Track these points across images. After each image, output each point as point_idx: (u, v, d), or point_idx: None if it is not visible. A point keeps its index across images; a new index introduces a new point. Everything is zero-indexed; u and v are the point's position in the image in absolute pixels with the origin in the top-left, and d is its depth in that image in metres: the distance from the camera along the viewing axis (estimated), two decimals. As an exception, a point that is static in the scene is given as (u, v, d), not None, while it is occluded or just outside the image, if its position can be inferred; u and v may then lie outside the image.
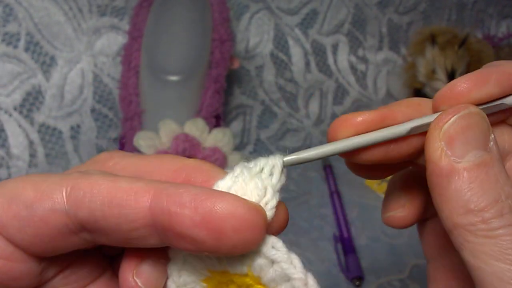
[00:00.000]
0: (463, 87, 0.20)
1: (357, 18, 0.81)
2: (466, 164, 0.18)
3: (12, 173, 0.61)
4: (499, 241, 0.18)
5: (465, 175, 0.18)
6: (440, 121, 0.19)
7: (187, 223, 0.17)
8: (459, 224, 0.18)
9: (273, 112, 0.74)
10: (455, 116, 0.19)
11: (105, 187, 0.18)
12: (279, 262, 0.18)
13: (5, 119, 0.61)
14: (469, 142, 0.19)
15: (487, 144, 0.19)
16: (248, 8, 0.73)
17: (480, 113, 0.19)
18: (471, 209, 0.18)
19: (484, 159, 0.18)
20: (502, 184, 0.18)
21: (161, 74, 0.58)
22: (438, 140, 0.19)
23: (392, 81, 0.81)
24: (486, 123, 0.19)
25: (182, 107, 0.59)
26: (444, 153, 0.19)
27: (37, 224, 0.18)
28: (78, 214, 0.18)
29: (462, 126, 0.19)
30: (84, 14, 0.64)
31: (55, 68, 0.63)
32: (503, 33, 0.91)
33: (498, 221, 0.18)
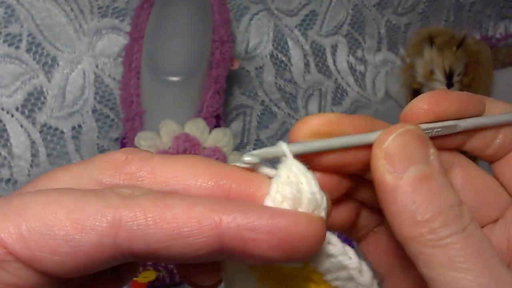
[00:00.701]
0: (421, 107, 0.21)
1: (356, 19, 0.81)
2: (408, 178, 0.19)
3: (14, 173, 0.61)
4: (447, 250, 0.18)
5: (408, 189, 0.19)
6: (381, 140, 0.20)
7: (263, 247, 0.17)
8: (409, 236, 0.19)
9: (273, 112, 0.74)
10: (392, 135, 0.20)
11: (162, 217, 0.17)
12: (337, 256, 0.19)
13: (7, 119, 0.62)
14: (408, 158, 0.19)
15: (427, 158, 0.19)
16: (248, 10, 0.74)
17: (416, 130, 0.20)
18: (419, 221, 0.18)
19: (425, 172, 0.19)
20: (445, 195, 0.19)
21: (162, 74, 0.58)
22: (380, 158, 0.19)
23: (391, 81, 0.82)
24: (424, 139, 0.20)
25: (183, 108, 0.59)
26: (387, 170, 0.19)
27: (82, 259, 0.17)
28: (132, 247, 0.17)
29: (400, 143, 0.20)
30: (86, 15, 0.65)
31: (56, 68, 0.64)
32: (501, 34, 0.92)
33: (445, 230, 0.18)
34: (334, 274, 0.19)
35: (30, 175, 0.62)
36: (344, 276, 0.19)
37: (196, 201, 0.17)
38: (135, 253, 0.17)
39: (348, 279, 0.19)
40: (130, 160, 0.19)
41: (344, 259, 0.19)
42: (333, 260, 0.19)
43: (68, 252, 0.17)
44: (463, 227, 0.18)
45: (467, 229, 0.19)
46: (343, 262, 0.19)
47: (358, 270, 0.19)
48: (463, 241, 0.18)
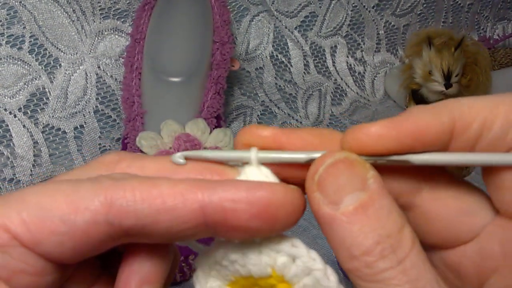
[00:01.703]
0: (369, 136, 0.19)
1: (355, 20, 0.82)
2: (344, 209, 0.18)
3: (16, 173, 0.62)
4: (382, 285, 0.17)
5: (344, 221, 0.18)
6: (312, 172, 0.19)
7: (243, 217, 0.18)
8: (348, 270, 0.18)
9: (273, 113, 0.75)
10: (322, 166, 0.19)
11: (149, 194, 0.18)
12: (300, 257, 0.19)
13: (10, 119, 0.62)
14: (342, 187, 0.18)
15: (364, 183, 0.18)
16: (248, 11, 0.74)
17: (347, 157, 0.19)
18: (354, 255, 0.18)
19: (362, 200, 0.18)
20: (383, 222, 0.18)
21: (163, 75, 0.59)
22: (314, 191, 0.19)
23: (390, 82, 0.82)
24: (357, 164, 0.19)
25: (184, 108, 0.60)
26: (322, 202, 0.18)
27: (78, 237, 0.18)
28: (123, 223, 0.18)
29: (331, 174, 0.18)
30: (88, 16, 0.65)
31: (59, 69, 0.64)
32: (498, 36, 0.92)
33: (381, 264, 0.17)
34: (302, 282, 0.19)
35: (32, 175, 0.62)
36: (311, 282, 0.19)
37: (180, 181, 0.19)
38: (126, 229, 0.18)
39: (315, 284, 0.19)
40: (122, 158, 0.21)
41: (308, 260, 0.19)
42: (298, 263, 0.19)
43: (65, 231, 0.18)
44: (400, 259, 0.17)
45: (406, 260, 0.18)
46: (308, 264, 0.19)
47: (324, 272, 0.19)
48: (400, 275, 0.17)
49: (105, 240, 0.19)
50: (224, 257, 0.20)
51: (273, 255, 0.19)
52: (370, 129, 0.19)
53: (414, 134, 0.19)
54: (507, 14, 0.95)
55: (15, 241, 0.18)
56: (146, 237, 0.19)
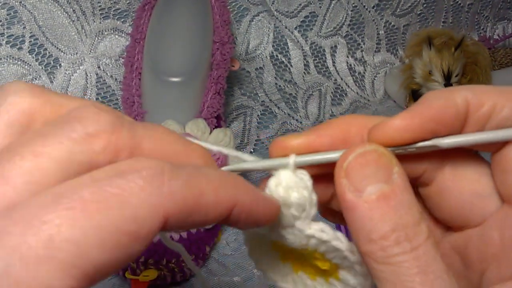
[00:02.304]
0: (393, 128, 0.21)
1: (355, 20, 0.82)
2: (366, 197, 0.19)
3: (16, 173, 0.62)
4: (396, 267, 0.19)
5: (366, 207, 0.19)
6: (342, 160, 0.21)
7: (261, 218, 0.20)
8: (364, 252, 0.20)
9: (273, 113, 0.75)
10: (351, 156, 0.20)
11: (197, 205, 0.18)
12: (330, 241, 0.22)
13: (10, 119, 0.62)
14: (368, 177, 0.20)
15: (388, 177, 0.20)
16: (248, 11, 0.74)
17: (376, 150, 0.20)
18: (372, 239, 0.19)
19: (384, 191, 0.19)
20: (402, 214, 0.19)
21: (163, 75, 0.59)
22: (341, 177, 0.20)
23: (390, 82, 0.82)
24: (384, 158, 0.20)
25: (184, 108, 0.60)
26: (348, 189, 0.20)
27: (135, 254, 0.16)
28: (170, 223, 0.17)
29: (359, 163, 0.20)
30: (88, 16, 0.65)
31: (59, 69, 0.65)
32: (499, 35, 0.92)
33: (396, 249, 0.19)
34: (332, 254, 0.22)
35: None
36: (340, 256, 0.22)
37: (220, 184, 0.18)
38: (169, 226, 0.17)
39: (343, 258, 0.22)
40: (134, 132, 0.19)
41: (337, 243, 0.22)
42: (328, 244, 0.22)
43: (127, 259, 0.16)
44: (413, 247, 0.19)
45: (418, 249, 0.19)
46: (337, 246, 0.22)
47: (350, 251, 0.22)
48: (411, 260, 0.19)
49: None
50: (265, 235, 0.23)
51: (306, 239, 0.22)
52: (394, 123, 0.21)
53: (434, 118, 0.21)
54: (507, 14, 0.95)
55: None
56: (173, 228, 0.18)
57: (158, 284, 0.52)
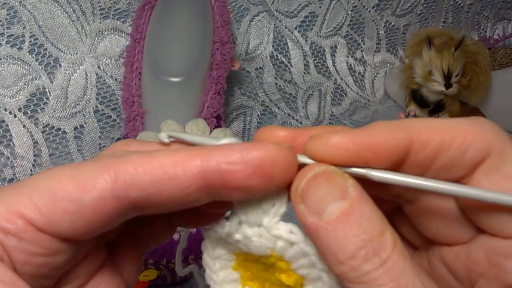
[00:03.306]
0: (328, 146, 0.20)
1: (355, 20, 0.82)
2: (327, 218, 0.19)
3: (16, 173, 0.62)
4: (368, 286, 0.18)
5: (329, 229, 0.19)
6: (295, 186, 0.20)
7: (240, 177, 0.19)
8: (336, 274, 0.19)
9: (273, 113, 0.75)
10: (303, 180, 0.20)
11: (150, 165, 0.19)
12: (298, 243, 0.21)
13: (10, 119, 0.62)
14: (324, 198, 0.19)
15: (344, 192, 0.19)
16: (248, 11, 0.74)
17: (325, 170, 0.20)
18: (341, 260, 0.19)
19: (343, 208, 0.19)
20: (365, 227, 0.19)
21: (163, 75, 0.59)
22: (298, 202, 0.20)
23: (390, 82, 0.82)
24: (336, 175, 0.20)
25: (184, 108, 0.60)
26: (307, 213, 0.19)
27: (89, 215, 0.19)
28: (129, 196, 0.19)
29: (312, 186, 0.20)
30: (88, 16, 0.65)
31: (59, 69, 0.65)
32: (499, 35, 0.92)
33: (366, 266, 0.18)
34: (299, 262, 0.21)
35: (32, 174, 0.62)
36: (307, 263, 0.21)
37: (178, 150, 0.20)
38: (133, 201, 0.19)
39: (310, 266, 0.21)
40: (129, 143, 0.22)
41: (305, 246, 0.21)
42: (295, 247, 0.21)
43: (75, 210, 0.19)
44: (383, 260, 0.18)
45: (388, 261, 0.18)
46: (305, 249, 0.21)
47: (318, 256, 0.21)
48: (383, 275, 0.18)
49: (114, 214, 0.19)
50: (229, 236, 0.22)
51: (273, 240, 0.21)
52: (329, 140, 0.20)
53: (371, 147, 0.20)
54: (507, 14, 0.95)
55: (30, 227, 0.19)
56: (152, 208, 0.20)
57: (158, 284, 0.52)
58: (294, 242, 0.21)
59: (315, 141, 0.20)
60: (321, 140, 0.20)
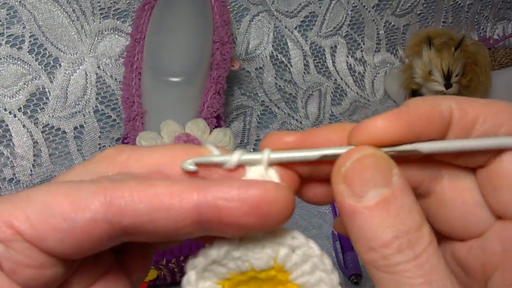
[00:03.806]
0: (373, 127, 0.20)
1: (355, 20, 0.82)
2: (366, 203, 0.19)
3: (16, 173, 0.62)
4: (398, 276, 0.18)
5: (366, 214, 0.19)
6: (339, 165, 0.20)
7: (236, 214, 0.19)
8: (365, 260, 0.19)
9: (273, 113, 0.75)
10: (349, 161, 0.20)
11: (147, 194, 0.19)
12: (301, 247, 0.21)
13: (10, 119, 0.62)
14: (367, 182, 0.19)
15: (388, 180, 0.19)
16: (248, 11, 0.74)
17: (374, 153, 0.20)
18: (373, 247, 0.19)
19: (385, 196, 0.19)
20: (403, 219, 0.19)
21: (163, 75, 0.59)
22: (340, 183, 0.20)
23: (389, 82, 0.82)
24: (383, 161, 0.20)
25: (184, 108, 0.60)
26: (346, 194, 0.19)
27: (78, 234, 0.19)
28: (122, 222, 0.19)
29: (358, 168, 0.19)
30: (87, 16, 0.65)
31: (58, 69, 0.64)
32: (498, 35, 0.92)
33: (398, 257, 0.18)
34: (300, 270, 0.21)
35: (32, 174, 0.62)
36: (308, 268, 0.21)
37: (176, 181, 0.19)
38: (125, 227, 0.19)
39: (311, 271, 0.21)
40: (121, 151, 0.22)
41: (307, 249, 0.20)
42: (298, 252, 0.21)
43: (66, 228, 0.19)
44: (416, 254, 0.18)
45: (422, 256, 0.18)
46: (307, 252, 0.20)
47: (320, 258, 0.21)
48: (415, 269, 0.18)
49: (104, 239, 0.19)
50: (227, 255, 0.21)
51: (276, 248, 0.21)
52: (377, 121, 0.20)
53: (420, 121, 0.20)
54: (507, 14, 0.95)
55: (18, 237, 0.19)
56: (144, 236, 0.20)
57: (158, 284, 0.52)
58: (297, 247, 0.20)
59: (362, 125, 0.20)
60: (369, 123, 0.20)
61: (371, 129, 0.20)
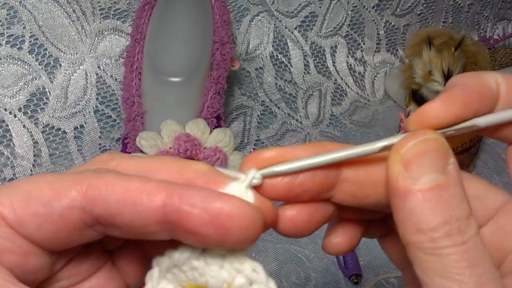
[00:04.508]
0: (432, 111, 0.20)
1: (355, 20, 0.82)
2: (421, 186, 0.19)
3: (16, 173, 0.62)
4: (443, 259, 0.18)
5: (419, 196, 0.19)
6: (399, 146, 0.20)
7: (196, 221, 0.18)
8: (410, 241, 0.19)
9: (273, 113, 0.75)
10: (412, 142, 0.20)
11: (119, 187, 0.19)
12: (259, 283, 0.20)
13: (10, 119, 0.62)
14: (425, 165, 0.19)
15: (444, 167, 0.19)
16: (248, 11, 0.74)
17: (437, 139, 0.20)
18: (422, 229, 0.19)
19: (439, 181, 0.19)
20: (454, 206, 0.19)
21: (163, 75, 0.59)
22: (397, 163, 0.20)
23: (390, 82, 0.82)
24: (444, 147, 0.20)
25: (184, 108, 0.60)
26: (402, 175, 0.19)
27: (56, 220, 0.19)
28: (94, 210, 0.19)
29: (419, 150, 0.20)
30: (88, 16, 0.65)
31: (59, 69, 0.65)
32: (499, 35, 0.92)
33: (446, 241, 0.19)
34: None
35: (32, 175, 0.62)
36: None
37: (153, 180, 0.20)
38: (96, 216, 0.20)
39: None
40: (113, 157, 0.22)
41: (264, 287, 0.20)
42: (255, 287, 0.20)
43: (44, 214, 0.19)
44: (464, 240, 0.19)
45: (469, 243, 0.19)
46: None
47: None
48: (461, 253, 0.19)
49: (80, 227, 0.20)
50: (186, 262, 0.20)
51: (233, 274, 0.20)
52: (434, 106, 0.20)
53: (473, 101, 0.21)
54: (507, 14, 0.95)
55: (2, 222, 0.19)
56: (112, 228, 0.20)
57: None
58: (255, 282, 0.20)
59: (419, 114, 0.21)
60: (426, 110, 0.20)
61: (430, 113, 0.20)
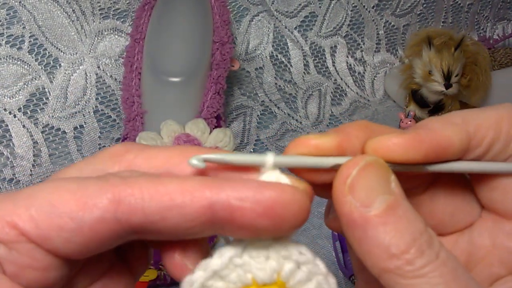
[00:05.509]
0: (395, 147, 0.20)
1: (355, 20, 0.82)
2: (375, 211, 0.19)
3: (16, 173, 0.62)
4: (427, 279, 0.18)
5: (378, 222, 0.18)
6: (344, 175, 0.19)
7: (250, 215, 0.18)
8: (387, 269, 0.18)
9: (273, 113, 0.75)
10: (355, 169, 0.19)
11: (157, 192, 0.18)
12: (307, 264, 0.20)
13: (10, 120, 0.62)
14: (373, 189, 0.19)
15: (389, 186, 0.19)
16: (248, 11, 0.74)
17: (377, 160, 0.20)
18: (394, 253, 0.18)
19: (390, 201, 0.19)
20: (413, 220, 0.19)
21: (163, 75, 0.59)
22: (345, 194, 0.19)
23: (389, 82, 0.82)
24: (384, 167, 0.20)
25: (183, 108, 0.60)
26: (354, 206, 0.19)
27: (86, 234, 0.18)
28: (131, 220, 0.18)
29: (363, 176, 0.19)
30: (87, 16, 0.65)
31: (58, 69, 0.64)
32: (498, 35, 0.92)
33: (422, 260, 0.18)
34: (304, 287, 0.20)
35: (32, 174, 0.62)
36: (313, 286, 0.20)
37: (188, 178, 0.19)
38: (134, 226, 0.18)
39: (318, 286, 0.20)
40: (129, 149, 0.21)
41: (313, 266, 0.20)
42: (304, 269, 0.20)
43: (74, 228, 0.18)
44: (436, 254, 0.18)
45: (440, 254, 0.18)
46: (312, 270, 0.20)
47: (325, 277, 0.20)
48: (440, 268, 0.18)
49: (113, 237, 0.19)
50: (229, 264, 0.20)
51: (281, 261, 0.20)
52: (398, 139, 0.20)
53: (438, 148, 0.20)
54: (507, 14, 0.95)
55: (22, 237, 0.18)
56: (154, 234, 0.19)
57: (158, 284, 0.52)
58: (303, 263, 0.20)
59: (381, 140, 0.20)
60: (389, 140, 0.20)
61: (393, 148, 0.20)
